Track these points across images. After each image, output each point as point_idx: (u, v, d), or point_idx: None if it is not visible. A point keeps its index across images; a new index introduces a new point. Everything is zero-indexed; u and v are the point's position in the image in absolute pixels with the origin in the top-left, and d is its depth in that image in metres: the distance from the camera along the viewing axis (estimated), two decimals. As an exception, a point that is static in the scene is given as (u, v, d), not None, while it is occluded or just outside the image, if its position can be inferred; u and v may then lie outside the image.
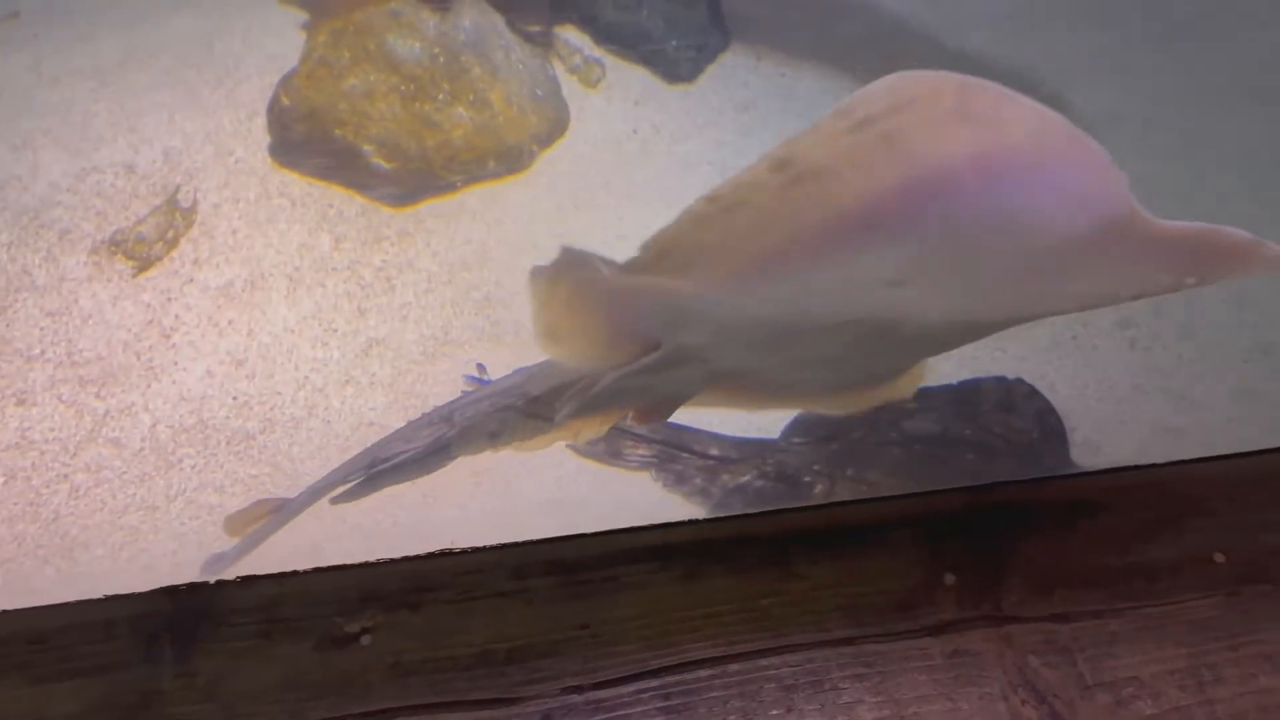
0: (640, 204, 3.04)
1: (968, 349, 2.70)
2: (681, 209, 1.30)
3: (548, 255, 2.90)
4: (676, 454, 2.32)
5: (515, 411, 1.64)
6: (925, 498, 1.69)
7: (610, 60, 3.39)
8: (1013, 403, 2.39)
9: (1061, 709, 1.47)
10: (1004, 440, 2.30)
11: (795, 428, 2.39)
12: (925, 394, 2.39)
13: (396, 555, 1.55)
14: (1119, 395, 2.57)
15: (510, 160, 3.05)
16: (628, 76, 3.38)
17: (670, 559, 1.60)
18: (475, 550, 1.57)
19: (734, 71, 3.42)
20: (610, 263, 1.33)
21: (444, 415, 1.70)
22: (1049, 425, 2.35)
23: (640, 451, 2.34)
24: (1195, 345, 2.66)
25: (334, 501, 1.80)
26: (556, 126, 3.17)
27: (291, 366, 2.56)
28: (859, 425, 2.35)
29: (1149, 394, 2.57)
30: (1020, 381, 2.44)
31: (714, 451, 2.33)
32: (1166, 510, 1.66)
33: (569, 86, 3.30)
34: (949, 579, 1.60)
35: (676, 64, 3.36)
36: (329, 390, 2.52)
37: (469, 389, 2.34)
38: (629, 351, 1.53)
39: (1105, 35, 3.41)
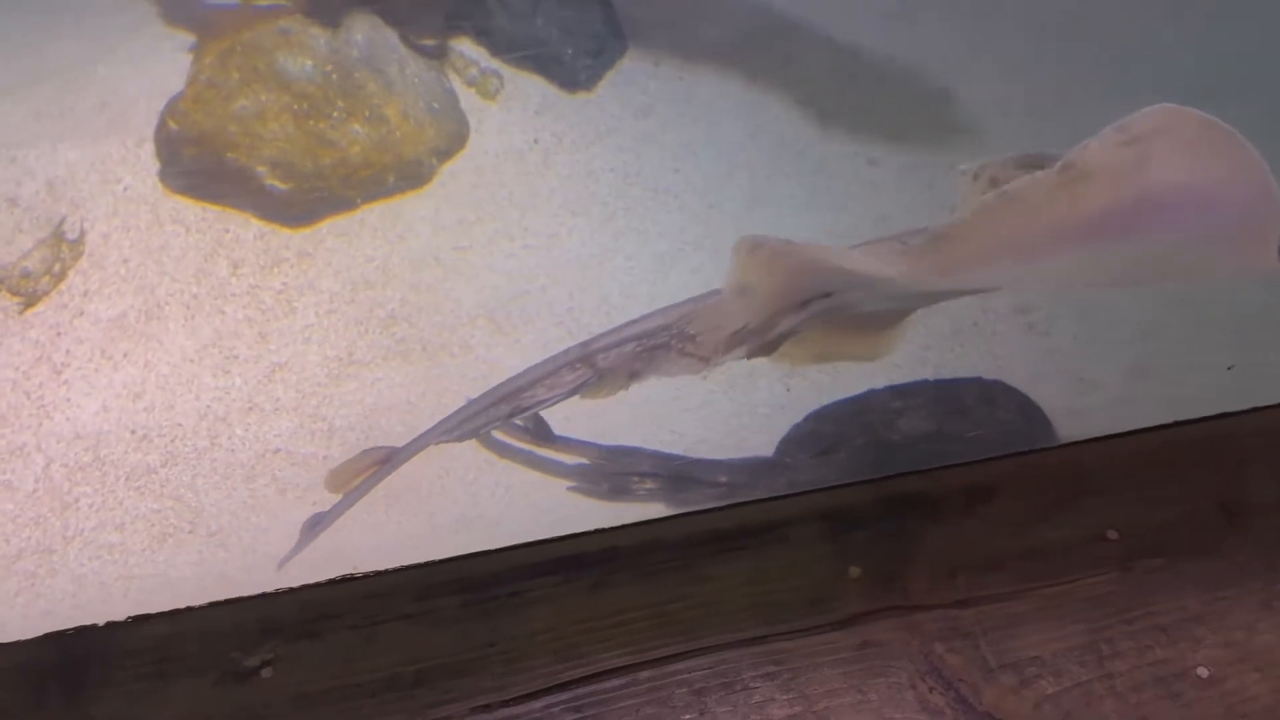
0: (544, 213, 3.03)
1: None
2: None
3: (451, 269, 2.88)
4: (685, 484, 2.30)
5: (666, 350, 1.65)
6: (829, 493, 1.72)
7: (507, 71, 3.37)
8: (993, 397, 2.43)
9: (967, 693, 1.49)
10: (997, 432, 2.34)
11: (790, 443, 2.39)
12: (905, 392, 2.43)
13: (296, 584, 1.52)
14: (1018, 379, 2.62)
15: (410, 175, 3.02)
16: (526, 86, 3.36)
17: (578, 570, 1.60)
18: (378, 574, 1.55)
19: (633, 77, 3.42)
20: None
21: (582, 359, 1.68)
22: (1032, 415, 2.40)
23: (647, 485, 2.31)
24: (1090, 326, 2.73)
25: (440, 441, 1.77)
26: (456, 139, 3.14)
27: (192, 396, 2.50)
28: (857, 431, 2.36)
29: (1048, 376, 2.62)
30: (996, 381, 2.49)
31: (721, 478, 2.31)
32: (1061, 491, 1.71)
33: (467, 99, 3.28)
34: (854, 571, 1.62)
35: (575, 72, 3.35)
36: (232, 418, 2.46)
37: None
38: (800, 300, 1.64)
39: (988, 26, 3.49)
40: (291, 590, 1.50)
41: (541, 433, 2.33)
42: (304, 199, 2.90)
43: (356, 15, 3.12)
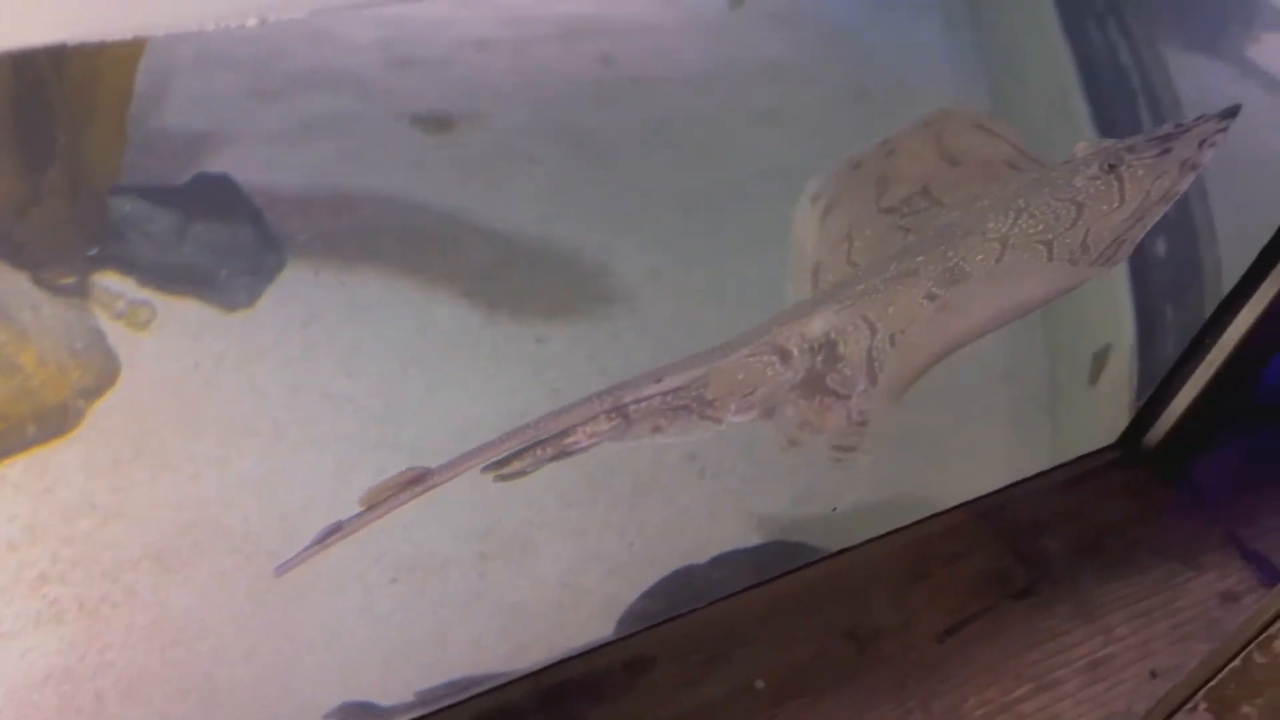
0: (209, 438, 2.93)
1: (561, 512, 2.81)
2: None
3: (108, 514, 2.72)
4: None
5: (687, 413, 1.67)
6: (491, 695, 1.71)
7: (160, 299, 3.28)
8: (790, 553, 2.51)
9: None
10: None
11: (626, 623, 2.33)
12: (721, 562, 2.48)
13: None
14: (698, 525, 2.74)
15: (54, 422, 2.85)
16: (182, 312, 3.27)
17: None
18: None
19: (294, 289, 3.40)
20: None
21: (616, 408, 1.63)
22: None
23: None
24: (753, 463, 2.91)
25: (495, 476, 1.64)
26: (105, 376, 3.00)
27: None
28: (688, 601, 2.36)
29: (724, 516, 2.76)
30: (797, 541, 2.59)
31: None
32: (712, 649, 1.78)
33: (116, 332, 3.15)
34: (521, 773, 1.61)
35: (232, 291, 3.30)
36: None
37: None
38: None
39: (637, 203, 3.76)
40: None
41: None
42: (-72, 467, 2.67)
43: (-21, 262, 2.98)
